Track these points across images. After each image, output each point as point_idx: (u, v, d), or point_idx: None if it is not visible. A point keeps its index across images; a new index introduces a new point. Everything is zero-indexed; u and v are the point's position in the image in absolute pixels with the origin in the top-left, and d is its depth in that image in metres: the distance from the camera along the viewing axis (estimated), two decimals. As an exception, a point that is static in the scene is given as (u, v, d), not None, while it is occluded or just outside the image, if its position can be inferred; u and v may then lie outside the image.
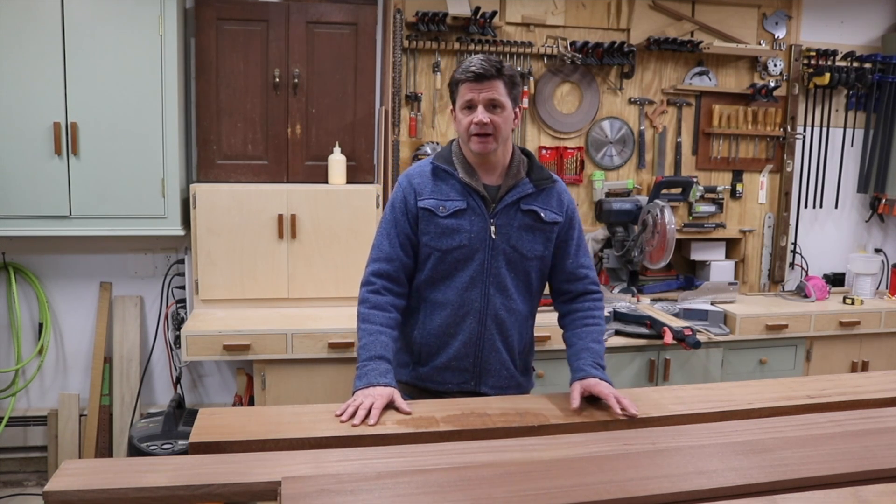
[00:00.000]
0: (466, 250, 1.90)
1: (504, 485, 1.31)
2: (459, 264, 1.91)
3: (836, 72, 3.82)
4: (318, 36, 3.24)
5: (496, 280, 1.92)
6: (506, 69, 1.86)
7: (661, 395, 1.88)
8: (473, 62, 1.84)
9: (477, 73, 1.82)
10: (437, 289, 1.94)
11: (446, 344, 1.95)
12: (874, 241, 4.24)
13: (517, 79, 1.90)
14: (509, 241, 1.92)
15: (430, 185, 1.94)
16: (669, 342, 3.09)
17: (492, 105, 1.84)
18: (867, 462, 1.44)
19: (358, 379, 1.80)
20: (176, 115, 3.07)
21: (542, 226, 1.95)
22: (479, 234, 1.90)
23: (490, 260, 1.91)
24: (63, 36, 2.94)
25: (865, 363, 3.59)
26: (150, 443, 2.86)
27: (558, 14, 3.57)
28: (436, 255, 1.92)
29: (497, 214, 1.91)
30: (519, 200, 1.93)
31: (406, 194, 1.95)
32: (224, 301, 3.20)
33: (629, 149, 3.74)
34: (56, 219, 3.03)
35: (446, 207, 1.90)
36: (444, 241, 1.91)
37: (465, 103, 1.86)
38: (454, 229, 1.90)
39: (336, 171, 3.26)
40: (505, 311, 1.94)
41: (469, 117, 1.85)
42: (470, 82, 1.84)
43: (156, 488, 1.33)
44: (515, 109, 1.90)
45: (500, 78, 1.84)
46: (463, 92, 1.86)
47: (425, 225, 1.92)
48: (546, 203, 1.96)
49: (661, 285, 3.81)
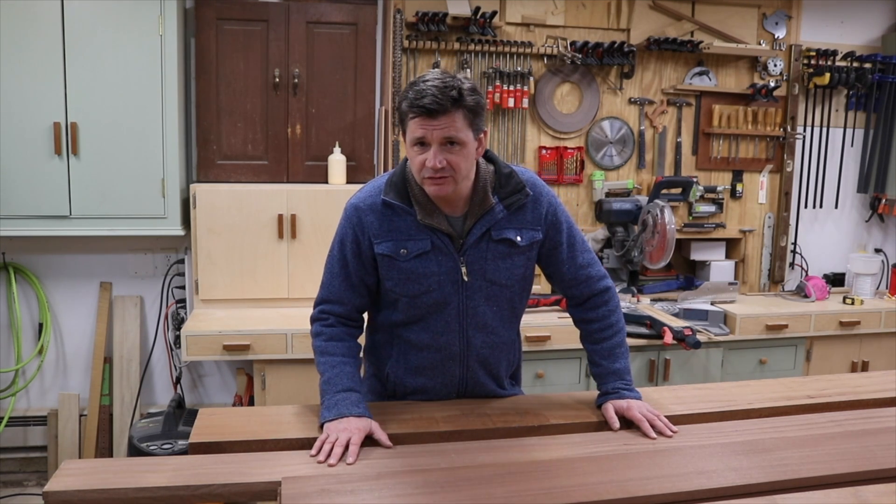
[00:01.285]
0: (437, 294, 1.67)
1: (504, 485, 1.32)
2: (433, 308, 1.69)
3: (836, 72, 3.82)
4: (318, 36, 3.24)
5: (475, 320, 1.72)
6: (466, 96, 1.52)
7: (661, 395, 1.87)
8: (426, 92, 1.50)
9: (429, 109, 1.49)
10: (410, 329, 1.74)
11: (424, 385, 1.79)
12: (874, 241, 4.24)
13: (481, 102, 1.57)
14: (485, 276, 1.68)
15: (386, 224, 1.65)
16: (669, 342, 3.09)
17: (448, 143, 1.53)
18: (867, 462, 1.45)
19: (326, 410, 1.58)
20: (176, 115, 3.07)
21: (519, 250, 1.70)
22: (449, 277, 1.67)
23: (465, 301, 1.69)
24: (63, 36, 2.93)
25: (865, 363, 3.59)
26: (150, 443, 2.86)
27: (558, 14, 3.58)
28: (404, 300, 1.70)
29: (466, 251, 1.66)
30: (489, 230, 1.67)
31: (358, 235, 1.67)
32: (224, 301, 3.20)
33: (629, 149, 3.74)
34: (56, 219, 3.03)
35: (408, 250, 1.65)
36: (410, 287, 1.67)
37: (415, 140, 1.54)
38: (420, 273, 1.66)
39: (336, 171, 3.26)
40: (488, 348, 1.76)
41: (422, 156, 1.54)
42: (421, 117, 1.51)
43: (156, 488, 1.33)
44: (479, 137, 1.60)
45: (458, 109, 1.51)
46: (413, 127, 1.54)
47: (386, 270, 1.68)
48: (520, 223, 1.69)
49: (661, 285, 3.81)
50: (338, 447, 1.48)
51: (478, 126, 1.58)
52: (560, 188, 3.68)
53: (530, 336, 3.08)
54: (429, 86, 1.51)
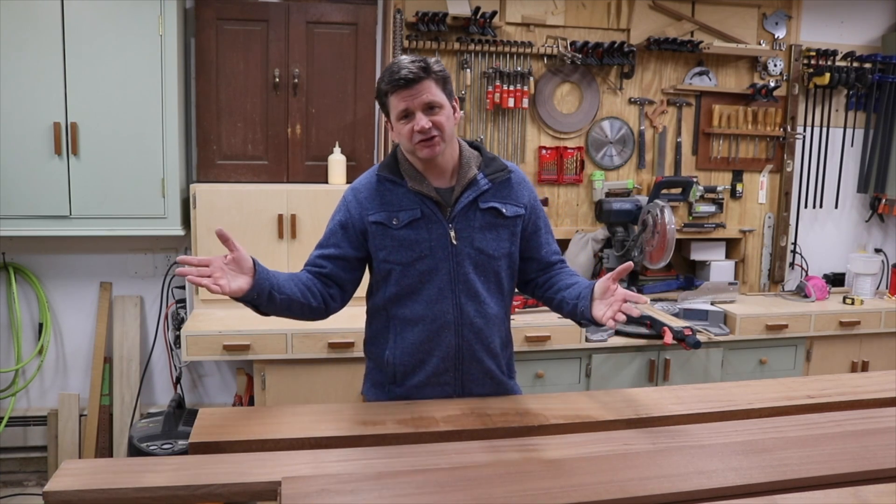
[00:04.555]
0: (429, 261, 1.78)
1: (504, 485, 1.32)
2: (424, 276, 1.79)
3: (836, 72, 3.82)
4: (318, 36, 3.24)
5: (466, 287, 1.81)
6: (433, 66, 1.72)
7: (661, 395, 1.87)
8: (399, 68, 1.69)
9: (407, 79, 1.68)
10: (405, 305, 1.82)
11: (423, 361, 1.83)
12: (874, 241, 4.24)
13: (447, 73, 1.76)
14: (472, 243, 1.80)
15: (378, 197, 1.81)
16: (669, 342, 3.09)
17: (429, 107, 1.71)
18: (867, 462, 1.45)
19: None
20: (176, 115, 3.07)
21: (505, 221, 1.83)
22: (439, 242, 1.78)
23: (456, 267, 1.79)
24: (63, 36, 2.94)
25: (865, 363, 3.59)
26: (150, 443, 2.86)
27: (558, 14, 3.58)
28: (397, 269, 1.80)
29: (455, 218, 1.79)
30: (476, 199, 1.81)
31: (351, 210, 1.83)
32: (224, 301, 3.18)
33: (629, 149, 3.74)
34: (56, 219, 3.03)
35: (399, 219, 1.78)
36: (402, 254, 1.79)
37: (400, 114, 1.72)
38: (412, 240, 1.78)
39: (336, 171, 3.26)
40: (480, 317, 1.83)
41: (409, 125, 1.72)
42: (401, 90, 1.69)
43: (156, 488, 1.33)
44: (453, 104, 1.78)
45: (429, 77, 1.70)
46: (395, 102, 1.72)
47: (379, 240, 1.80)
48: (505, 197, 1.84)
49: (661, 285, 3.81)
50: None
51: (449, 91, 1.77)
52: (560, 188, 3.68)
53: (530, 336, 3.08)
54: (400, 64, 1.71)
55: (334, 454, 1.50)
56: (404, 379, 1.86)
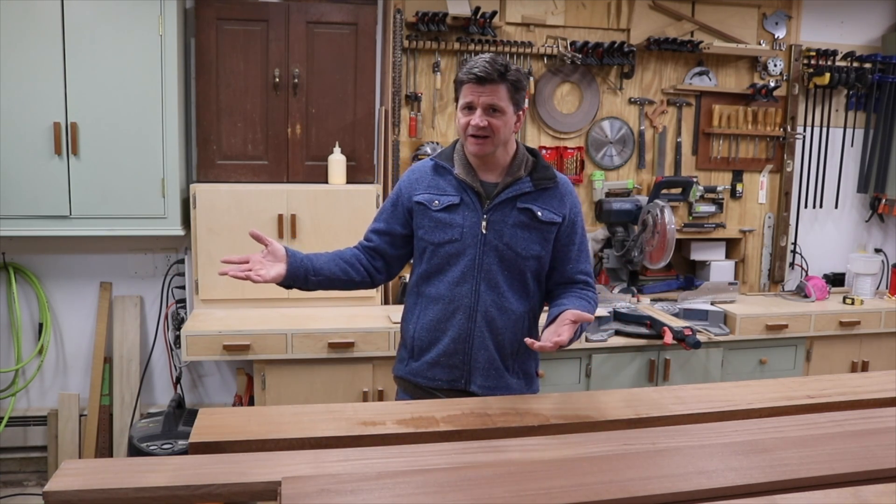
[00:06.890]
0: (458, 245, 1.90)
1: (504, 485, 1.31)
2: (451, 259, 1.91)
3: (836, 72, 3.82)
4: (318, 36, 3.24)
5: (487, 276, 1.91)
6: (510, 73, 1.82)
7: (661, 395, 1.87)
8: (478, 63, 1.81)
9: (479, 76, 1.80)
10: (431, 283, 1.95)
11: (437, 339, 1.95)
12: (874, 241, 4.24)
13: (522, 83, 1.86)
14: (502, 238, 1.90)
15: (428, 180, 1.96)
16: (669, 342, 3.09)
17: (491, 109, 1.82)
18: (867, 462, 1.44)
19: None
20: (176, 115, 3.07)
21: (539, 225, 1.92)
22: (471, 230, 1.90)
23: (481, 256, 1.90)
24: (63, 36, 2.94)
25: (865, 363, 3.59)
26: (150, 443, 2.86)
27: (558, 14, 3.58)
28: (430, 248, 1.93)
29: (491, 210, 1.90)
30: (516, 198, 1.91)
31: (402, 189, 2.00)
32: (224, 301, 3.20)
33: (629, 149, 3.74)
34: (56, 219, 3.03)
35: (440, 202, 1.92)
36: (436, 235, 1.92)
37: (465, 104, 1.84)
38: (447, 223, 1.91)
39: (336, 171, 3.26)
40: (496, 308, 1.92)
41: (467, 118, 1.84)
42: (472, 84, 1.81)
43: (156, 488, 1.33)
44: (518, 112, 1.88)
45: (503, 82, 1.81)
46: (465, 92, 1.84)
47: (420, 219, 1.95)
48: (545, 203, 1.93)
49: (661, 285, 3.81)
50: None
51: (518, 101, 1.86)
52: (560, 188, 3.68)
53: (530, 336, 3.08)
54: (481, 60, 1.82)
55: (334, 454, 1.50)
56: (421, 354, 1.97)
